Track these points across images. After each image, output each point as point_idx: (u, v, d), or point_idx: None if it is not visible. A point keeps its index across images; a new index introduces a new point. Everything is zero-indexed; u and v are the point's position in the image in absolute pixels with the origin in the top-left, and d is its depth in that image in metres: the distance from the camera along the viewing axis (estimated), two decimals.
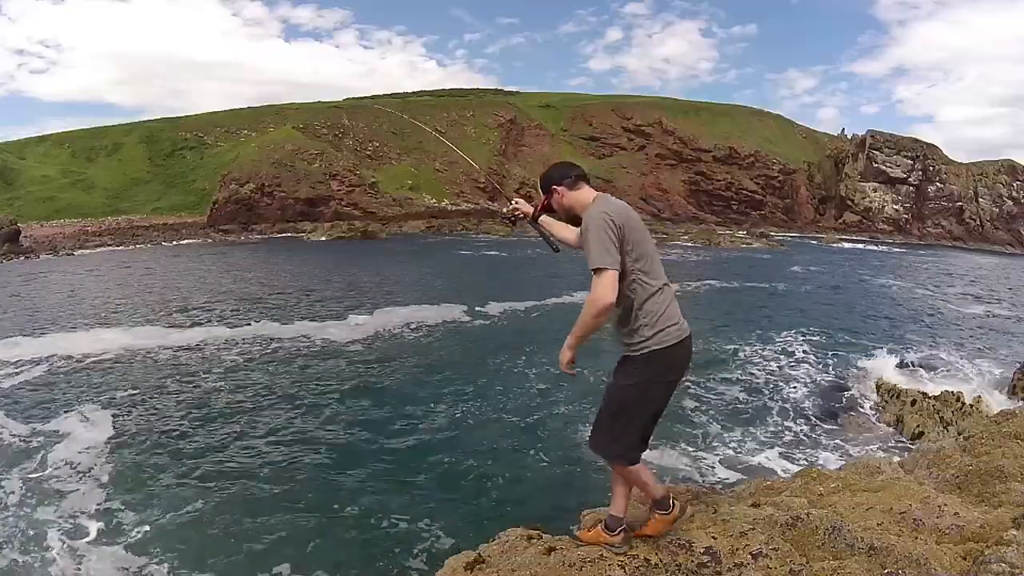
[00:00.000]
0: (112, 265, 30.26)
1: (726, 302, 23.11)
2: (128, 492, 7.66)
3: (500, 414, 10.46)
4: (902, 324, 19.95)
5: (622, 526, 3.08)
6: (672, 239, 52.70)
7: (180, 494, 7.60)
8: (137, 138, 71.20)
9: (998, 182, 75.26)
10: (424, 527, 6.93)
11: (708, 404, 11.12)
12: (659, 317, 2.90)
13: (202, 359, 13.42)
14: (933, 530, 3.30)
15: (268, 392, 11.35)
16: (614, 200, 2.99)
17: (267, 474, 8.14)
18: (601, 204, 2.92)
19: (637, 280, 2.89)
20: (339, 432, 9.58)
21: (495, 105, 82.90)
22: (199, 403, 10.74)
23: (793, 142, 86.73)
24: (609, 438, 3.05)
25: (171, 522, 6.98)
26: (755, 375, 13.02)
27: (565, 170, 3.12)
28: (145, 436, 9.32)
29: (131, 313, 18.31)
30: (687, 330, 3.01)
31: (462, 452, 8.86)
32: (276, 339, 15.15)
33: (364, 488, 7.82)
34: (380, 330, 16.33)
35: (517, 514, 6.29)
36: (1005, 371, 13.47)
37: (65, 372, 12.47)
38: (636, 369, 2.95)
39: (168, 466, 8.36)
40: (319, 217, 54.05)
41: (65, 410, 10.28)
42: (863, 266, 40.52)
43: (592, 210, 2.89)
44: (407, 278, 26.46)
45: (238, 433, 9.44)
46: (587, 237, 2.81)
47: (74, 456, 8.60)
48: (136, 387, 11.53)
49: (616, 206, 2.92)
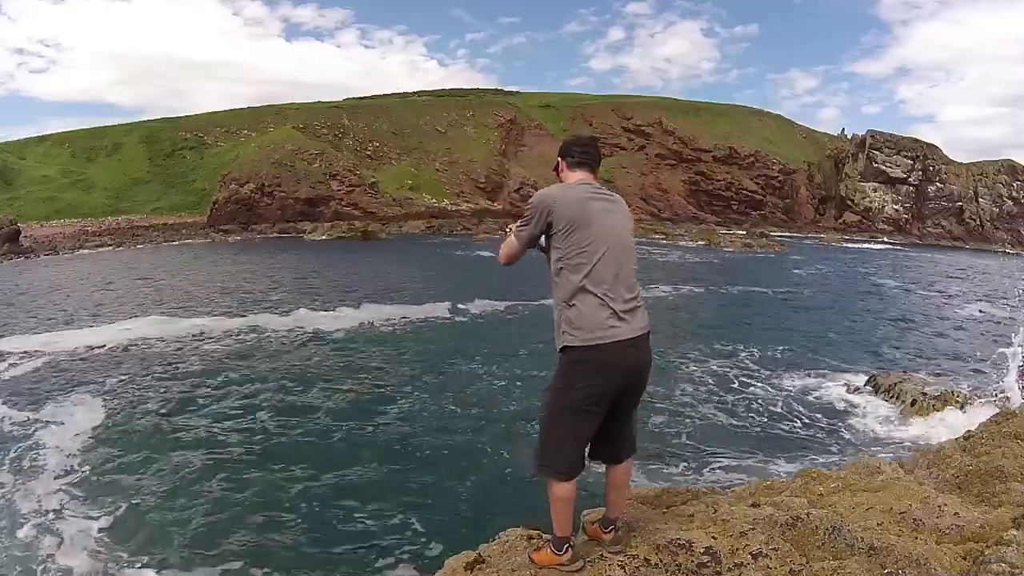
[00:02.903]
0: (112, 265, 30.26)
1: (726, 302, 23.11)
2: (111, 483, 7.69)
3: (501, 413, 10.45)
4: (902, 324, 19.95)
5: (568, 543, 2.95)
6: (672, 239, 52.71)
7: (167, 488, 7.59)
8: (137, 138, 71.20)
9: (998, 182, 75.28)
10: (423, 527, 6.91)
11: (707, 404, 11.11)
12: (582, 316, 2.78)
13: (198, 355, 13.42)
14: (933, 530, 3.30)
15: (262, 388, 11.31)
16: (579, 189, 2.93)
17: (258, 470, 8.11)
18: (557, 188, 2.95)
19: (563, 273, 2.84)
20: (334, 430, 9.56)
21: (495, 105, 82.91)
22: (189, 398, 10.76)
23: (793, 142, 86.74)
24: (538, 446, 2.94)
25: (157, 517, 6.96)
26: (755, 375, 13.01)
27: (575, 148, 3.09)
28: (133, 428, 9.41)
29: (130, 312, 18.30)
30: (624, 335, 2.78)
31: (461, 451, 8.85)
32: (273, 338, 15.14)
33: (362, 487, 7.81)
34: (379, 330, 16.34)
35: (517, 514, 6.28)
36: (1005, 371, 13.46)
37: (62, 366, 12.54)
38: (559, 368, 2.89)
39: (154, 458, 8.38)
40: (319, 217, 54.04)
41: (58, 401, 10.41)
42: (863, 266, 40.52)
43: (547, 189, 2.94)
44: (407, 279, 26.45)
45: (233, 433, 9.41)
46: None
47: (62, 446, 8.68)
48: (130, 382, 11.60)
49: (569, 195, 2.89)
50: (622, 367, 2.81)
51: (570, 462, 2.85)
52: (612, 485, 3.14)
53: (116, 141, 70.85)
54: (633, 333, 2.83)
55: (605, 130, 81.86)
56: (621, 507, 3.23)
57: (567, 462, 2.84)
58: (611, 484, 3.14)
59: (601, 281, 2.79)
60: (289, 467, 8.31)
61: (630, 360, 2.83)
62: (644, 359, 2.93)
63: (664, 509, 3.70)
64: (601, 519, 3.23)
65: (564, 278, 2.83)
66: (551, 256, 2.90)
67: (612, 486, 3.14)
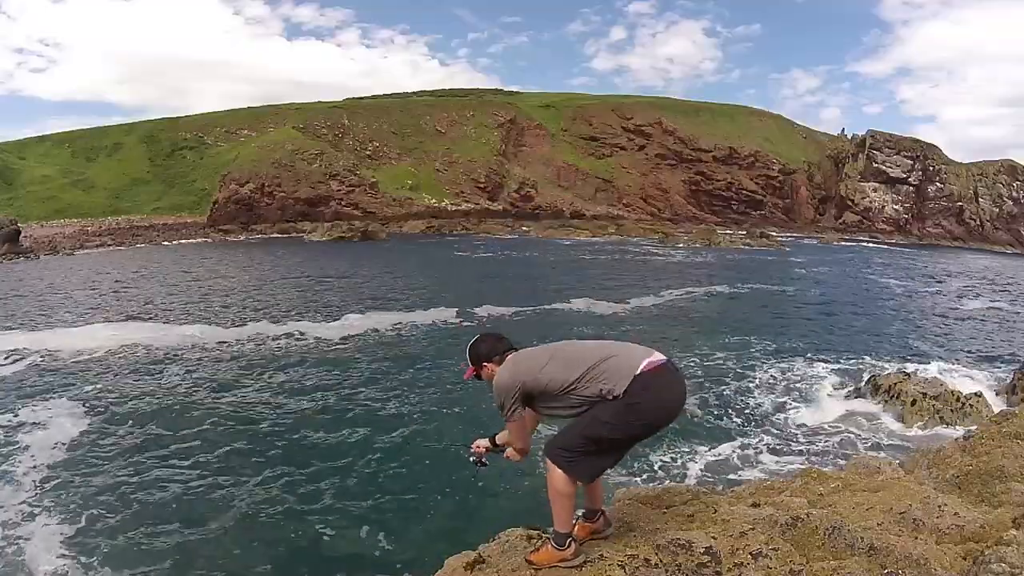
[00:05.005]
0: (112, 265, 30.26)
1: (725, 303, 23.11)
2: (85, 491, 7.55)
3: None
4: (902, 324, 19.95)
5: (569, 537, 3.02)
6: (672, 239, 52.73)
7: (155, 494, 7.52)
8: (137, 138, 71.28)
9: (998, 182, 75.29)
10: (423, 527, 6.92)
11: (707, 404, 11.11)
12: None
13: (190, 361, 13.39)
14: (933, 530, 3.30)
15: (258, 393, 11.32)
16: (522, 357, 3.17)
17: (253, 472, 8.09)
18: (509, 368, 3.13)
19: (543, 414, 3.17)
20: (333, 432, 9.55)
21: (495, 105, 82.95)
22: (178, 404, 10.66)
23: (793, 142, 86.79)
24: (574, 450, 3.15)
25: (134, 528, 6.78)
26: (755, 375, 13.00)
27: (496, 346, 3.28)
28: (115, 434, 9.31)
29: (128, 312, 18.31)
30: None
31: (461, 451, 8.83)
32: (270, 339, 15.15)
33: (361, 488, 7.81)
34: (376, 331, 16.32)
35: (517, 514, 6.28)
36: (1005, 371, 13.47)
37: (51, 368, 12.51)
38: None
39: (133, 466, 8.23)
40: (319, 217, 54.09)
41: (42, 405, 10.31)
42: (863, 266, 40.53)
43: (502, 374, 3.12)
44: (407, 282, 26.44)
45: (225, 434, 9.41)
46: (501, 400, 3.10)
47: (40, 451, 8.59)
48: (117, 387, 11.50)
49: (517, 368, 3.09)
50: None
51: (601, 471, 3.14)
52: (597, 481, 3.27)
53: (116, 141, 70.96)
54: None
55: (605, 130, 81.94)
56: (602, 496, 3.42)
57: (599, 471, 3.11)
58: (596, 480, 3.26)
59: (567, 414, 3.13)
60: (288, 468, 8.30)
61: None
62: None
63: (664, 509, 3.70)
64: (584, 513, 3.32)
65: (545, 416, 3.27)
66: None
67: (597, 482, 3.27)
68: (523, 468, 8.43)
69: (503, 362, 3.18)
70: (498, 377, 3.10)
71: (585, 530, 3.26)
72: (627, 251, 43.24)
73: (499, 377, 3.09)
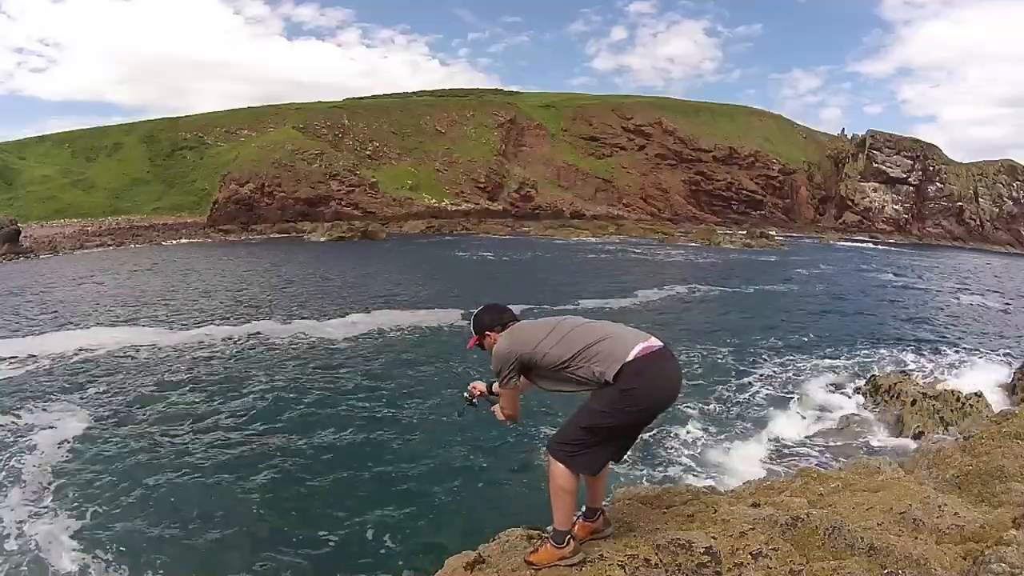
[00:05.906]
0: (112, 265, 30.25)
1: (725, 304, 23.10)
2: (90, 491, 7.58)
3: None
4: (902, 324, 19.94)
5: (569, 535, 3.02)
6: (672, 239, 52.72)
7: (160, 493, 7.55)
8: (137, 138, 71.22)
9: (998, 182, 75.30)
10: (423, 527, 6.93)
11: (707, 404, 11.11)
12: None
13: (194, 357, 13.41)
14: (933, 530, 3.30)
15: (259, 395, 11.28)
16: (522, 329, 3.23)
17: (254, 475, 8.08)
18: (508, 338, 3.22)
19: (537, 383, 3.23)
20: (334, 431, 9.55)
21: (495, 105, 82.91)
22: (180, 405, 10.67)
23: (793, 142, 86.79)
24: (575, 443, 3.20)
25: (147, 524, 6.86)
26: (754, 375, 13.01)
27: (498, 317, 3.37)
28: (119, 435, 9.31)
29: (128, 312, 18.30)
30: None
31: (461, 452, 8.85)
32: (271, 339, 15.15)
33: (362, 489, 7.82)
34: (377, 331, 16.32)
35: (517, 514, 6.28)
36: (1005, 371, 13.47)
37: (58, 367, 12.49)
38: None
39: (139, 467, 8.24)
40: (319, 217, 54.07)
41: (44, 407, 10.29)
42: (863, 266, 40.54)
43: (501, 343, 3.20)
44: (408, 282, 26.44)
45: (228, 434, 9.42)
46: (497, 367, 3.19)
47: (45, 452, 8.60)
48: (120, 387, 11.50)
49: (514, 339, 3.17)
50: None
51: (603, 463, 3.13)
52: (600, 478, 3.27)
53: (116, 141, 70.89)
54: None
55: (605, 130, 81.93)
56: (603, 495, 3.43)
57: (601, 463, 3.10)
58: (599, 477, 3.26)
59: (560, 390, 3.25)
60: (289, 468, 8.31)
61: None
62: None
63: (664, 509, 3.70)
64: (584, 512, 3.32)
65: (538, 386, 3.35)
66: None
67: (600, 479, 3.27)
68: (523, 468, 8.45)
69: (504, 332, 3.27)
70: (497, 346, 3.21)
71: (585, 529, 3.26)
72: (627, 251, 43.24)
73: (498, 346, 3.20)
